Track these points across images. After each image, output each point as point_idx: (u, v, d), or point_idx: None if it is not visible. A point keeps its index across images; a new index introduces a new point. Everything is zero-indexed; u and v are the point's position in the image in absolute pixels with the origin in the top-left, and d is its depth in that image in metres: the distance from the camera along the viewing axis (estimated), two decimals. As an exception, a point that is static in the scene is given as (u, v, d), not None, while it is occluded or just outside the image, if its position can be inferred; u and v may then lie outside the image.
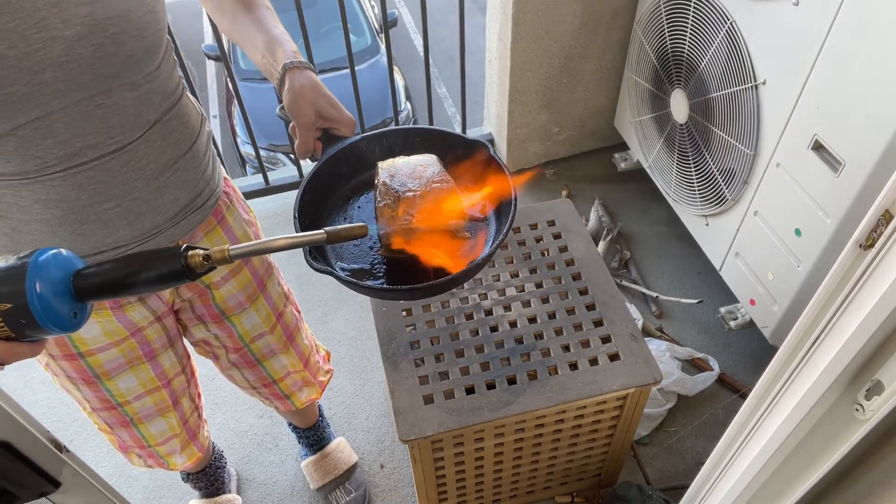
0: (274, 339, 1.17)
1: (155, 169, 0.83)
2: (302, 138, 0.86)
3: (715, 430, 1.67)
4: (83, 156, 0.74)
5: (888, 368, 0.63)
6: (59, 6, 0.66)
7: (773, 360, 0.76)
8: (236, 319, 1.10)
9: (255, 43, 0.90)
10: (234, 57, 4.94)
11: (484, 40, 2.17)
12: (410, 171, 0.85)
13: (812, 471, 0.76)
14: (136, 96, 0.76)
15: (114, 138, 0.76)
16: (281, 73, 0.87)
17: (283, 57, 0.88)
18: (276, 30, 0.91)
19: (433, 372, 1.20)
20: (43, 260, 0.54)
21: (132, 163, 0.79)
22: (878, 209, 0.58)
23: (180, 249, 0.57)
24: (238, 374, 1.21)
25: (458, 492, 1.39)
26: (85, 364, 0.96)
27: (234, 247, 0.59)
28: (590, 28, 2.01)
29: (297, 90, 0.86)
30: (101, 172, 0.77)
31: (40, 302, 0.53)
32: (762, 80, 1.43)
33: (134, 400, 1.04)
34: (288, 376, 1.25)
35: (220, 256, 0.59)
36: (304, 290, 2.06)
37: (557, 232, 1.43)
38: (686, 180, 1.81)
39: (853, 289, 0.61)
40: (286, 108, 0.87)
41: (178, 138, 0.86)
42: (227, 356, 1.17)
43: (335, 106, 0.88)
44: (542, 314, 1.28)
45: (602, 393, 1.16)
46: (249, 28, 0.91)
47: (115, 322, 0.94)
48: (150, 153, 0.81)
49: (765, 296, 1.59)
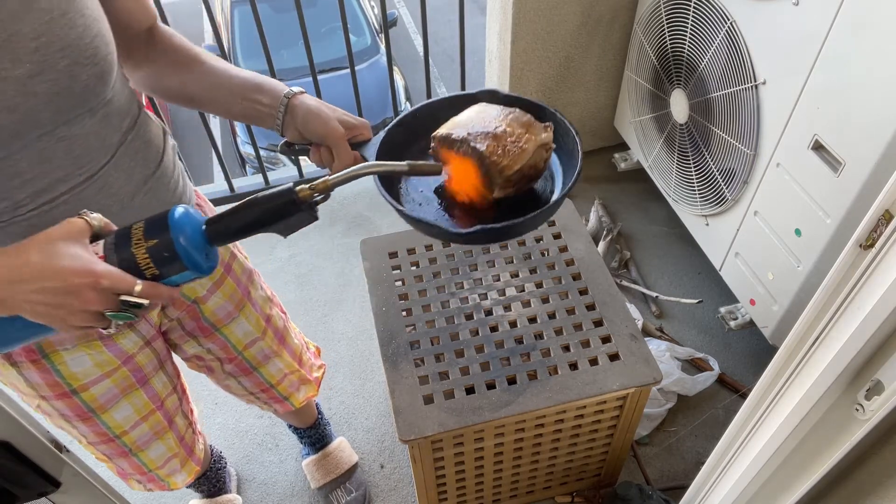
0: (266, 344, 1.16)
1: (128, 191, 0.80)
2: (344, 151, 0.85)
3: (715, 430, 1.67)
4: (54, 190, 0.72)
5: (888, 368, 0.63)
6: (4, 46, 0.62)
7: (773, 360, 0.76)
8: (227, 330, 1.08)
9: (231, 90, 0.86)
10: (234, 57, 4.95)
11: (484, 40, 2.17)
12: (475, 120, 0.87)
13: (812, 471, 0.76)
14: (96, 122, 0.74)
15: (83, 168, 0.73)
16: (284, 105, 0.85)
17: (279, 89, 0.86)
18: (247, 72, 0.88)
19: (433, 372, 1.20)
20: (182, 210, 0.65)
21: (105, 189, 0.77)
22: (878, 209, 0.58)
23: (292, 189, 0.67)
24: (234, 382, 1.20)
25: (458, 492, 1.39)
26: (79, 400, 0.93)
27: (332, 176, 0.70)
28: (590, 28, 2.01)
29: (316, 111, 0.84)
30: (76, 204, 0.74)
31: (182, 235, 0.63)
32: (762, 80, 1.43)
33: (131, 429, 1.02)
34: (285, 378, 1.24)
35: (322, 186, 0.69)
36: (304, 290, 2.06)
37: (557, 232, 1.43)
38: (686, 180, 1.81)
39: (853, 289, 0.61)
40: (308, 132, 0.85)
41: (145, 157, 0.83)
42: (223, 367, 1.15)
43: (348, 115, 0.88)
44: (542, 314, 1.28)
45: (602, 393, 1.16)
46: (217, 78, 0.87)
47: (105, 353, 0.91)
48: (120, 177, 0.78)
49: (765, 296, 1.59)
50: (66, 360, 0.87)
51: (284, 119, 0.86)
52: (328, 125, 0.84)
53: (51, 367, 0.86)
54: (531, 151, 0.85)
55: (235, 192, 2.27)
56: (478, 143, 0.83)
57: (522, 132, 0.85)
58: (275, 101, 0.86)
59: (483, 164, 0.83)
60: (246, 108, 0.87)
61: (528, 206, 0.86)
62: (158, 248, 0.62)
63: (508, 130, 0.84)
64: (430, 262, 1.39)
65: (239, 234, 0.68)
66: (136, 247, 0.62)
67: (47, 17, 0.64)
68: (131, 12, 0.81)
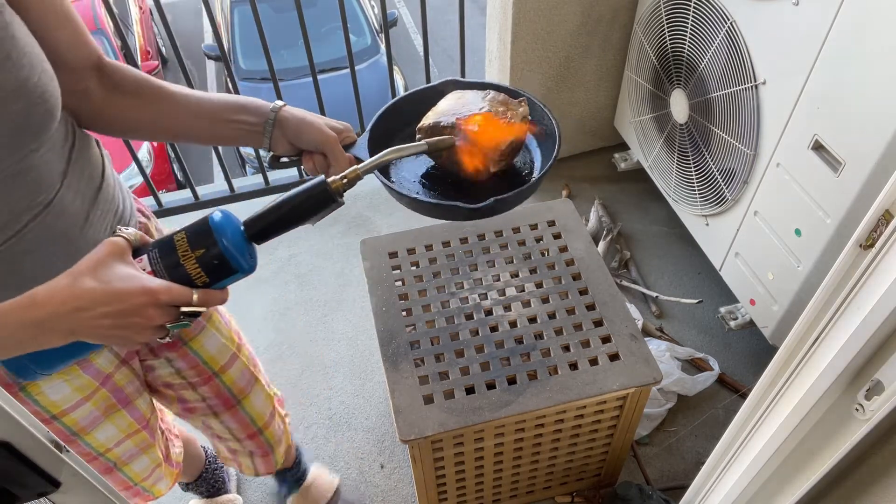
0: (244, 363, 1.11)
1: (83, 211, 0.79)
2: (340, 155, 0.86)
3: (715, 430, 1.67)
4: (17, 223, 0.71)
5: (888, 368, 0.63)
6: None
7: (773, 360, 0.76)
8: (196, 343, 1.03)
9: (212, 115, 0.85)
10: (234, 57, 4.95)
11: (484, 40, 2.17)
12: (456, 106, 0.91)
13: (812, 471, 0.76)
14: (45, 151, 0.73)
15: (40, 196, 0.73)
16: (272, 120, 0.85)
17: (263, 105, 0.85)
18: (220, 95, 0.87)
19: (433, 372, 1.20)
20: (221, 215, 0.68)
21: (63, 212, 0.76)
22: (878, 209, 0.58)
23: (325, 180, 0.71)
24: (216, 422, 1.12)
25: (458, 492, 1.39)
26: (60, 425, 0.91)
27: (361, 165, 0.75)
28: (590, 28, 2.01)
29: (307, 119, 0.85)
30: (41, 231, 0.74)
31: (228, 241, 0.66)
32: (762, 80, 1.43)
33: (115, 446, 0.99)
34: (272, 420, 1.18)
35: (353, 176, 0.73)
36: (304, 290, 2.06)
37: (557, 232, 1.43)
38: (686, 180, 1.81)
39: (853, 289, 0.61)
40: (302, 142, 0.86)
41: (91, 174, 0.82)
42: (197, 392, 1.07)
43: (332, 120, 0.89)
44: (542, 314, 1.28)
45: (602, 393, 1.16)
46: (194, 105, 0.86)
47: (83, 375, 0.89)
48: (75, 198, 0.77)
49: (765, 296, 1.59)
50: (42, 389, 0.85)
51: (273, 133, 0.85)
52: (323, 131, 0.85)
53: (28, 399, 0.85)
54: (517, 124, 0.91)
55: (235, 192, 2.27)
56: (470, 126, 0.88)
57: (504, 109, 0.91)
58: (261, 118, 0.85)
59: (476, 143, 0.87)
60: (230, 130, 0.86)
61: (514, 180, 0.93)
62: (207, 257, 0.65)
63: (493, 109, 0.90)
64: (430, 262, 1.39)
65: (278, 231, 0.71)
66: (184, 258, 0.65)
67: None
68: (70, 48, 0.78)
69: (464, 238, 1.43)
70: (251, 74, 4.81)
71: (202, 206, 2.27)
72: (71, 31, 0.77)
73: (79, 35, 0.79)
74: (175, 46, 1.93)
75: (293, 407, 1.78)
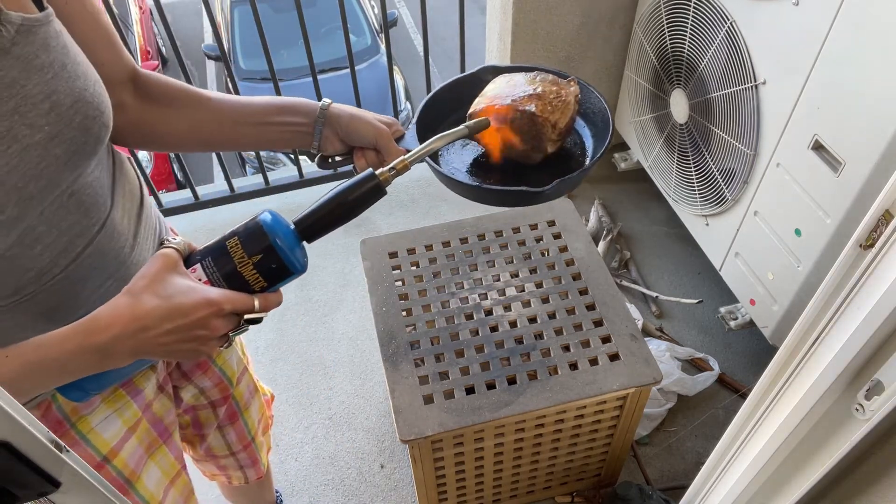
0: (250, 377, 1.09)
1: (131, 230, 0.76)
2: (394, 149, 0.83)
3: (715, 430, 1.67)
4: (74, 248, 0.67)
5: (888, 368, 0.63)
6: (18, 112, 0.59)
7: (773, 360, 0.76)
8: (220, 359, 1.00)
9: (257, 119, 0.83)
10: (234, 57, 4.95)
11: (484, 40, 2.17)
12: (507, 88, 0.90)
13: (812, 471, 0.76)
14: (96, 168, 0.70)
15: (93, 217, 0.69)
16: (322, 118, 0.83)
17: (310, 104, 0.83)
18: (262, 98, 0.85)
19: (433, 372, 1.20)
20: (271, 217, 0.66)
21: (115, 233, 0.73)
22: (878, 209, 0.58)
23: (373, 172, 0.70)
24: (219, 438, 1.08)
25: (458, 492, 1.39)
26: (113, 471, 0.83)
27: (408, 155, 0.74)
28: (590, 28, 2.01)
29: (358, 115, 0.83)
30: (96, 256, 0.70)
31: (284, 244, 0.64)
32: (762, 80, 1.43)
33: (165, 499, 0.92)
34: (259, 424, 1.14)
35: (402, 167, 0.72)
36: (305, 290, 2.06)
37: (557, 232, 1.43)
38: (686, 180, 1.81)
39: (853, 289, 0.61)
40: (355, 138, 0.84)
41: (132, 190, 0.78)
42: (215, 413, 1.03)
43: (378, 115, 0.87)
44: (542, 314, 1.28)
45: (602, 393, 1.16)
46: (236, 111, 0.83)
47: (132, 405, 0.84)
48: (123, 217, 0.75)
49: (765, 296, 1.59)
50: (94, 426, 0.79)
51: (323, 132, 0.83)
52: (376, 126, 0.83)
53: (79, 438, 0.78)
54: (572, 103, 0.90)
55: (235, 192, 2.27)
56: (526, 106, 0.87)
57: (557, 88, 0.90)
58: (310, 118, 0.82)
59: (535, 123, 0.87)
60: (276, 133, 0.83)
61: (565, 161, 0.93)
62: (265, 263, 0.64)
63: (545, 89, 0.89)
64: (430, 262, 1.39)
65: (328, 229, 0.70)
66: (241, 265, 0.63)
67: (50, 74, 0.61)
68: (108, 61, 0.75)
69: (464, 238, 1.43)
70: (251, 74, 4.81)
71: (202, 206, 2.27)
72: (109, 44, 0.76)
73: (116, 48, 0.77)
74: (175, 46, 1.93)
75: (293, 407, 1.78)
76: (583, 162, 0.93)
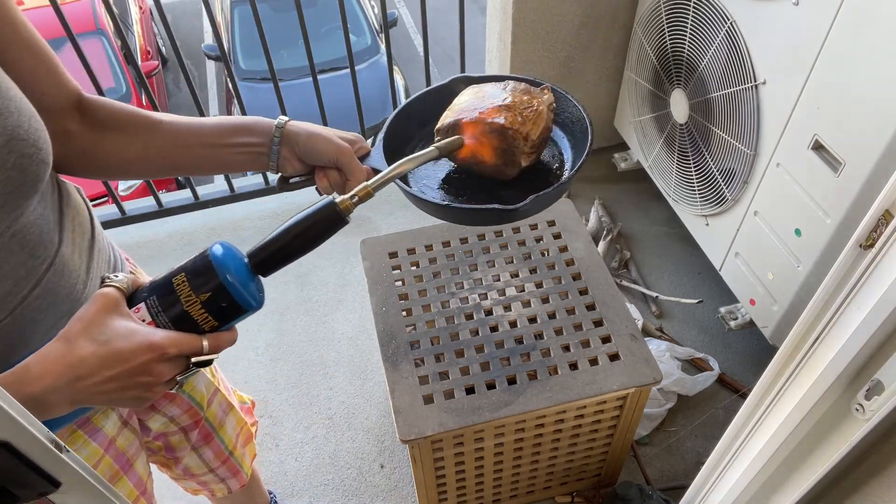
0: (223, 396, 1.05)
1: (82, 264, 0.72)
2: (357, 167, 0.79)
3: (715, 430, 1.67)
4: (20, 290, 0.63)
5: (888, 368, 0.63)
6: None
7: (773, 360, 0.76)
8: (189, 386, 0.97)
9: (210, 141, 0.78)
10: (234, 57, 4.94)
11: (484, 40, 2.17)
12: (475, 101, 0.85)
13: (812, 470, 0.76)
14: (37, 205, 0.65)
15: (39, 257, 0.65)
16: (279, 136, 0.78)
17: (266, 122, 0.78)
18: (216, 118, 0.80)
19: (433, 372, 1.20)
20: (222, 250, 0.61)
21: (65, 270, 0.68)
22: (878, 209, 0.58)
23: (333, 200, 0.65)
24: (195, 458, 1.05)
25: (458, 492, 1.39)
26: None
27: (371, 181, 0.70)
28: (590, 28, 2.01)
29: (315, 132, 0.79)
30: (45, 296, 0.65)
31: (236, 280, 0.60)
32: (762, 80, 1.43)
33: None
34: (238, 438, 1.12)
35: (364, 194, 0.68)
36: (305, 290, 2.06)
37: (557, 232, 1.43)
38: (686, 180, 1.81)
39: (853, 289, 0.61)
40: (314, 157, 0.79)
41: (81, 221, 0.73)
42: (187, 437, 1.00)
43: (341, 131, 0.82)
44: (542, 314, 1.28)
45: (602, 393, 1.16)
46: (188, 133, 0.78)
47: (91, 444, 0.80)
48: (74, 251, 0.70)
49: (765, 296, 1.59)
50: None
51: (280, 152, 0.78)
52: (336, 144, 0.78)
53: None
54: (545, 113, 0.85)
55: (235, 192, 2.27)
56: (495, 118, 0.82)
57: (529, 98, 0.85)
58: (265, 137, 0.78)
59: (506, 136, 0.81)
60: (231, 155, 0.78)
61: (543, 175, 0.88)
62: (214, 301, 0.59)
63: (517, 100, 0.84)
64: (430, 262, 1.39)
65: (288, 260, 0.65)
66: (188, 304, 0.59)
67: None
68: (48, 88, 0.70)
69: (464, 238, 1.43)
70: (251, 74, 4.81)
71: (202, 206, 2.27)
72: (48, 71, 0.70)
73: (57, 74, 0.71)
74: (175, 46, 1.93)
75: (293, 407, 1.78)
76: (561, 175, 0.88)
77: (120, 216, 2.21)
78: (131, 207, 2.24)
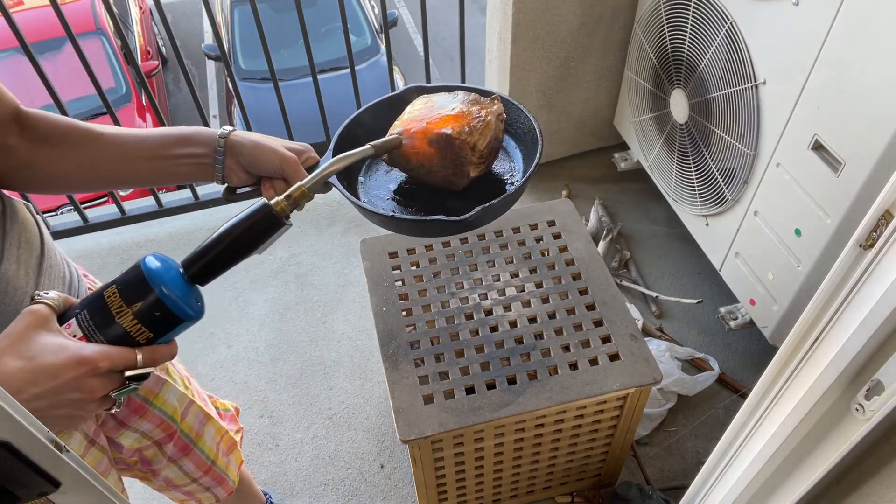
0: (198, 407, 1.03)
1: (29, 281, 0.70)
2: (302, 177, 0.77)
3: (715, 430, 1.67)
4: None
5: (888, 368, 0.63)
6: None
7: (773, 360, 0.76)
8: (159, 400, 0.95)
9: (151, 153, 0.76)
10: (234, 57, 4.95)
11: (484, 40, 2.17)
12: (424, 110, 0.85)
13: (812, 471, 0.76)
14: None
15: None
16: (222, 147, 0.77)
17: (209, 132, 0.77)
18: (159, 129, 0.79)
19: (433, 372, 1.20)
20: (154, 260, 0.60)
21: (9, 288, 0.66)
22: (878, 209, 0.58)
23: (267, 203, 0.65)
24: (175, 470, 1.04)
25: (458, 492, 1.39)
26: None
27: (305, 180, 0.69)
28: (590, 28, 2.01)
29: (259, 143, 0.78)
30: None
31: (167, 289, 0.58)
32: (762, 80, 1.43)
33: None
34: (219, 447, 1.10)
35: (298, 194, 0.67)
36: (304, 290, 2.06)
37: (557, 232, 1.43)
38: (686, 180, 1.81)
39: (853, 289, 0.61)
40: (259, 167, 0.79)
41: (28, 238, 0.71)
42: (162, 451, 0.99)
43: (288, 141, 0.82)
44: (542, 314, 1.28)
45: (602, 393, 1.16)
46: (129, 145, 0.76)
47: None
48: (18, 269, 0.67)
49: (765, 296, 1.59)
50: None
51: (225, 162, 0.78)
52: (281, 154, 0.77)
53: None
54: (493, 122, 0.85)
55: (235, 192, 2.27)
56: (442, 128, 0.82)
57: (478, 108, 0.85)
58: (209, 148, 0.77)
59: (453, 146, 0.81)
60: (174, 166, 0.77)
61: (496, 186, 0.88)
62: (146, 311, 0.57)
63: (465, 110, 0.84)
64: (430, 262, 1.39)
65: (222, 269, 0.64)
66: (120, 315, 0.57)
67: None
68: None
69: (464, 238, 1.43)
70: (251, 74, 4.81)
71: (202, 206, 2.27)
72: None
73: None
74: (175, 46, 1.93)
75: (293, 407, 1.78)
76: (512, 185, 0.88)
77: (120, 216, 2.21)
78: (131, 207, 2.24)
